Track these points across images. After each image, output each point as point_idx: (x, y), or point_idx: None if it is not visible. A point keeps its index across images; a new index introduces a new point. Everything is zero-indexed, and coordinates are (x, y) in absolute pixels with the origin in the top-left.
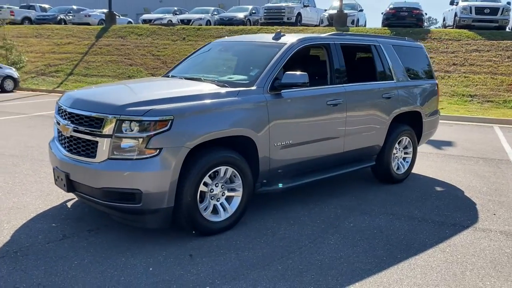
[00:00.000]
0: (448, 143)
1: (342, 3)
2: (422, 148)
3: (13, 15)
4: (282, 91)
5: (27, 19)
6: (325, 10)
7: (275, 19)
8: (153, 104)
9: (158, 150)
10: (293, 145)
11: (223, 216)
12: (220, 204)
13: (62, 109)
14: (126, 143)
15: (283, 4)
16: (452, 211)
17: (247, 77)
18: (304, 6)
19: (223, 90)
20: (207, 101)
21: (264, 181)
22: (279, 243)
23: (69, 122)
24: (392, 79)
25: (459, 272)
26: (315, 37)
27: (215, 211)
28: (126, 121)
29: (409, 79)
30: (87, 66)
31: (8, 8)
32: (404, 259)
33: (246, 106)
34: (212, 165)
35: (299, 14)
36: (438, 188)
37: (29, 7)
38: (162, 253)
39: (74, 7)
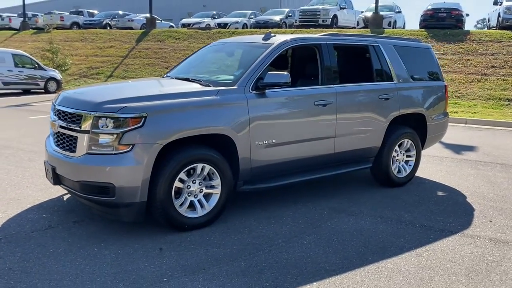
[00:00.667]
0: (469, 148)
1: (377, 5)
2: (438, 152)
3: (63, 20)
4: (267, 90)
5: (75, 24)
6: (362, 12)
7: (310, 22)
8: (128, 102)
9: (131, 146)
10: (277, 144)
11: (200, 212)
12: (198, 200)
13: (53, 106)
14: (102, 138)
15: (319, 7)
16: (446, 216)
17: (233, 77)
18: (341, 8)
19: (203, 89)
20: (183, 99)
21: (247, 179)
22: (252, 241)
23: (57, 118)
24: (392, 80)
25: (427, 277)
26: (304, 37)
27: (193, 207)
28: (102, 118)
29: (411, 80)
30: (125, 68)
31: (59, 13)
32: (374, 262)
33: (224, 105)
34: (187, 162)
35: (334, 16)
36: (440, 193)
37: (78, 13)
38: (134, 245)
39: (120, 12)
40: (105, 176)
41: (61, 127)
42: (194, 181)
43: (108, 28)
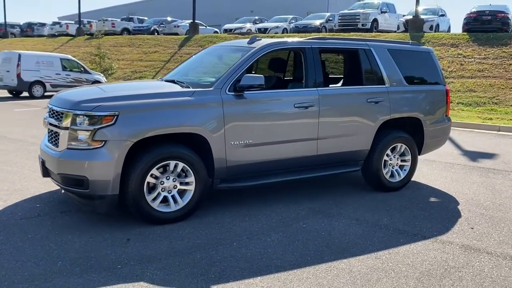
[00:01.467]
0: (489, 156)
1: (417, 8)
2: (452, 158)
3: (114, 27)
4: (246, 92)
5: (126, 30)
6: (403, 16)
7: (350, 26)
8: (104, 101)
9: (103, 142)
10: (254, 145)
11: (173, 207)
12: (172, 196)
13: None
14: (79, 135)
15: (359, 11)
16: (427, 222)
17: (214, 79)
18: (382, 12)
19: (178, 90)
20: (156, 100)
21: (223, 178)
22: (218, 236)
23: (48, 116)
24: (383, 84)
25: (375, 278)
26: (287, 41)
27: (167, 202)
28: (80, 116)
29: (406, 84)
30: (166, 72)
31: (111, 20)
32: (328, 261)
33: (199, 106)
34: (159, 159)
35: (375, 20)
36: (433, 199)
37: (129, 19)
38: (105, 235)
39: (169, 18)
40: (80, 169)
41: (50, 124)
42: (168, 178)
43: (156, 34)
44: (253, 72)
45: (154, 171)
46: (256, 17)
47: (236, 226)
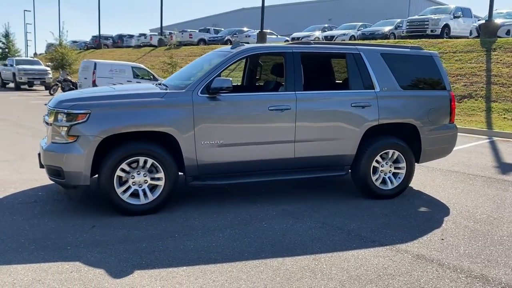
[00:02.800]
0: (509, 167)
1: (491, 12)
2: (466, 168)
3: (191, 37)
4: (221, 94)
5: (202, 41)
6: (478, 20)
7: (418, 32)
8: (80, 101)
9: (76, 137)
10: (225, 145)
11: (142, 201)
12: (142, 190)
13: None
14: (60, 130)
15: (429, 16)
16: (397, 231)
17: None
18: (455, 17)
19: (151, 91)
20: (128, 100)
21: (195, 175)
22: (174, 229)
23: (46, 114)
24: (372, 88)
25: (297, 277)
26: (267, 46)
27: (137, 195)
28: (60, 113)
29: (401, 89)
30: None
31: (190, 31)
32: (262, 258)
33: (168, 106)
34: (128, 155)
35: (446, 26)
36: (423, 209)
37: (207, 30)
38: (78, 221)
39: (245, 28)
40: (58, 161)
41: (45, 121)
42: (138, 173)
43: (229, 43)
44: (257, 76)
45: (123, 165)
46: (326, 25)
47: (198, 222)
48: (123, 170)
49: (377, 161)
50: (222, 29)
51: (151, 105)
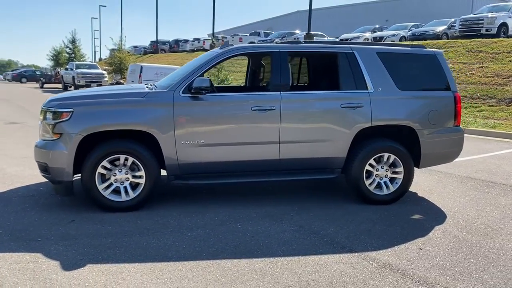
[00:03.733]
0: None
1: None
2: (487, 175)
3: (241, 41)
4: (204, 94)
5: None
6: None
7: (471, 31)
8: (65, 100)
9: (60, 135)
10: (206, 145)
11: (123, 198)
12: (124, 187)
13: None
14: (48, 128)
15: (485, 14)
16: (376, 238)
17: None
18: None
19: (135, 91)
20: (109, 99)
21: (177, 174)
22: (147, 226)
23: None
24: (365, 89)
25: (244, 279)
26: (252, 46)
27: (119, 192)
28: (48, 112)
29: (398, 89)
30: None
31: (241, 35)
32: (218, 259)
33: (149, 106)
34: (108, 153)
35: (503, 24)
36: (416, 216)
37: (257, 34)
38: (61, 215)
39: (297, 31)
40: (45, 157)
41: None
42: (120, 170)
43: None
44: (260, 77)
45: (105, 163)
46: (377, 26)
47: (174, 220)
48: (104, 167)
49: (371, 165)
50: (272, 32)
51: (132, 105)
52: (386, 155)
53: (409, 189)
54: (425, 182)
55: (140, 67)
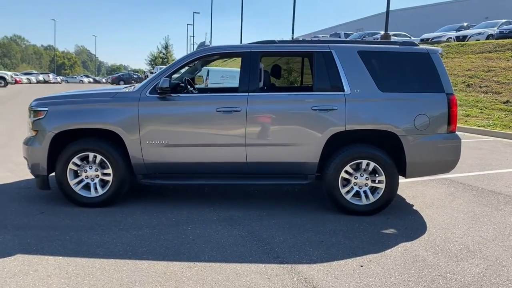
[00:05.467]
0: None
1: None
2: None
3: None
4: (172, 95)
5: None
6: None
7: None
8: (44, 100)
9: (36, 132)
10: (171, 145)
11: (93, 194)
12: (94, 184)
13: None
14: (29, 125)
15: None
16: (321, 250)
17: None
18: None
19: (106, 91)
20: (80, 99)
21: (144, 174)
22: (100, 222)
23: None
24: (340, 90)
25: (136, 278)
26: (223, 46)
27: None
28: (30, 110)
29: (379, 90)
30: None
31: (321, 37)
32: (139, 259)
33: (116, 106)
34: (77, 150)
35: None
36: (388, 231)
37: (338, 35)
38: (36, 207)
39: (382, 32)
40: (25, 152)
41: None
42: (90, 167)
43: None
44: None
45: (75, 159)
46: (464, 24)
47: (131, 218)
48: (75, 163)
49: (348, 172)
50: (354, 33)
51: (100, 104)
52: (364, 162)
53: (408, 201)
54: (432, 193)
55: (207, 71)
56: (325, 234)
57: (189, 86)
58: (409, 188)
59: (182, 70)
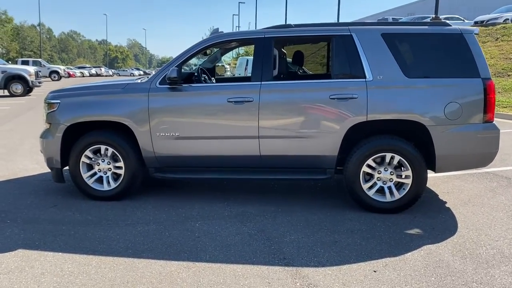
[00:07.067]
0: None
1: None
2: None
3: None
4: (184, 85)
5: None
6: None
7: None
8: (57, 92)
9: (50, 125)
10: (181, 138)
11: (106, 187)
12: (107, 177)
13: None
14: (44, 118)
15: None
16: (333, 252)
17: None
18: None
19: (117, 83)
20: (92, 91)
21: (156, 167)
22: (108, 217)
23: None
24: (361, 77)
25: (128, 278)
26: (235, 33)
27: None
28: (45, 104)
29: (405, 76)
30: None
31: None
32: (131, 257)
33: (125, 97)
34: (89, 143)
35: None
36: (412, 231)
37: (386, 20)
38: (50, 200)
39: (433, 16)
40: (41, 145)
41: None
42: (103, 160)
43: None
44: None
45: (87, 152)
46: None
47: (141, 213)
48: (87, 156)
49: (370, 166)
50: (402, 18)
51: (109, 96)
52: (388, 155)
53: (442, 197)
54: (470, 189)
55: (246, 60)
56: (341, 233)
57: (205, 76)
58: (444, 182)
59: (192, 61)
